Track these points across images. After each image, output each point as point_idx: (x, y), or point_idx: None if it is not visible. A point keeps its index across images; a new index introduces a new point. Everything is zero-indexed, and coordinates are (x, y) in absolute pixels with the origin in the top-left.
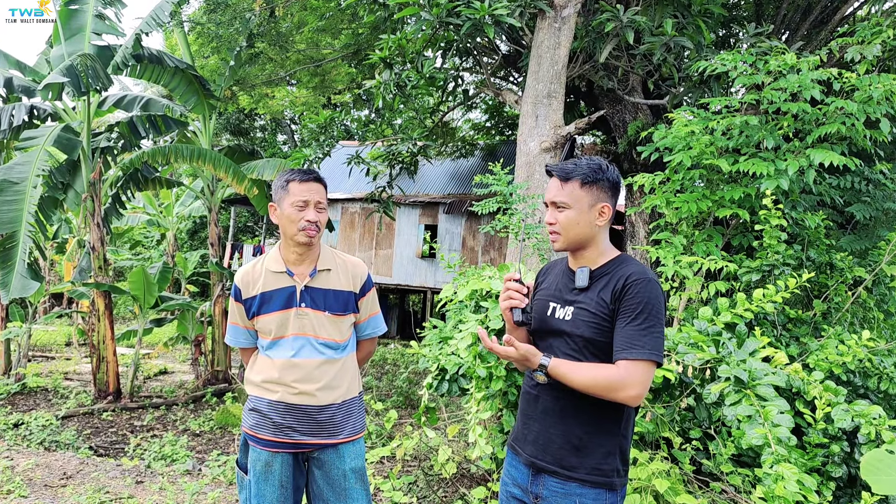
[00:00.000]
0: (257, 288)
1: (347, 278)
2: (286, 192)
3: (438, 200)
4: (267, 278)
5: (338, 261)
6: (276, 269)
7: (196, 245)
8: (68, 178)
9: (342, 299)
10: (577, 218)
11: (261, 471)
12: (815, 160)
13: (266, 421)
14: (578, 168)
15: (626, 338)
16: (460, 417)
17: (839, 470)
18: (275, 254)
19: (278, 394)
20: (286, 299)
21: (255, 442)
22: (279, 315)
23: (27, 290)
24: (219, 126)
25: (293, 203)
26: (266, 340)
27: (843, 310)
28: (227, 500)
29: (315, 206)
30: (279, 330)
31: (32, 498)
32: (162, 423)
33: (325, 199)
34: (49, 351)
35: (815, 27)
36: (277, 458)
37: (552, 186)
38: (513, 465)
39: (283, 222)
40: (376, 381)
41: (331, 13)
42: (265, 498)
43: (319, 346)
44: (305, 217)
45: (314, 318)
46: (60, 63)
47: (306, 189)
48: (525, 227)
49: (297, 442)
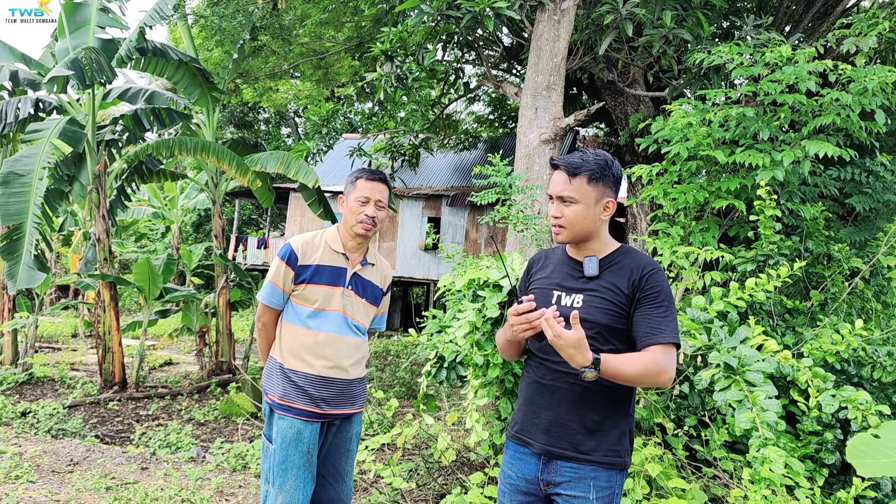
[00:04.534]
0: (315, 258)
1: (381, 276)
2: (353, 187)
3: (442, 193)
4: (325, 253)
5: (378, 259)
6: (336, 248)
7: (201, 237)
8: (74, 171)
9: (376, 293)
10: (584, 213)
11: (292, 438)
12: (810, 151)
13: (300, 392)
14: (586, 163)
15: (653, 324)
16: (460, 406)
17: (832, 457)
18: (334, 233)
19: (316, 368)
20: (337, 277)
21: (286, 411)
22: (327, 289)
23: (34, 281)
24: (223, 119)
25: (356, 198)
26: (307, 309)
27: (840, 300)
28: (230, 486)
29: (375, 204)
30: (324, 303)
31: (40, 483)
32: (167, 413)
33: (387, 198)
34: (56, 342)
35: (818, 19)
36: (308, 427)
37: (558, 180)
38: (518, 457)
39: (346, 213)
40: (379, 371)
41: (333, 6)
42: (293, 463)
43: (353, 327)
44: (365, 212)
45: (354, 302)
46: (65, 56)
47: (370, 187)
48: (523, 218)
49: (327, 413)
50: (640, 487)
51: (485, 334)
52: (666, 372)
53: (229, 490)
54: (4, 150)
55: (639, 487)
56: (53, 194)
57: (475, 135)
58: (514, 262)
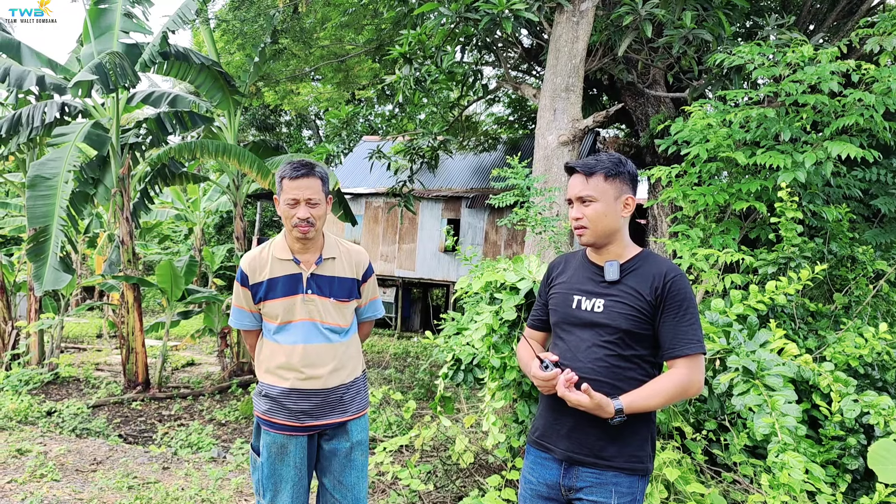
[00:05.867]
0: (264, 274)
1: (351, 266)
2: (280, 188)
3: (461, 195)
4: (274, 265)
5: (341, 249)
6: (282, 256)
7: (223, 239)
8: (98, 174)
9: (346, 286)
10: (605, 210)
11: (277, 452)
12: (832, 152)
13: (279, 407)
14: (600, 162)
15: (679, 334)
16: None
17: (855, 462)
18: (280, 241)
19: (289, 381)
20: (293, 286)
21: (269, 426)
22: (286, 301)
23: (59, 282)
24: (245, 122)
25: (285, 200)
26: (273, 325)
27: (864, 303)
28: (250, 486)
29: (306, 203)
30: (286, 315)
31: (64, 482)
32: (189, 413)
33: (321, 191)
34: (81, 342)
35: (842, 18)
36: (292, 441)
37: (576, 182)
38: (539, 462)
39: (282, 217)
40: (398, 373)
41: (353, 9)
42: (282, 478)
43: (325, 331)
44: (297, 215)
45: (320, 304)
46: (90, 61)
47: (296, 186)
48: (541, 220)
49: (310, 425)
50: (658, 492)
51: (502, 337)
52: (694, 385)
53: (248, 490)
54: (31, 153)
55: (657, 492)
56: (78, 197)
57: (495, 136)
58: (531, 264)
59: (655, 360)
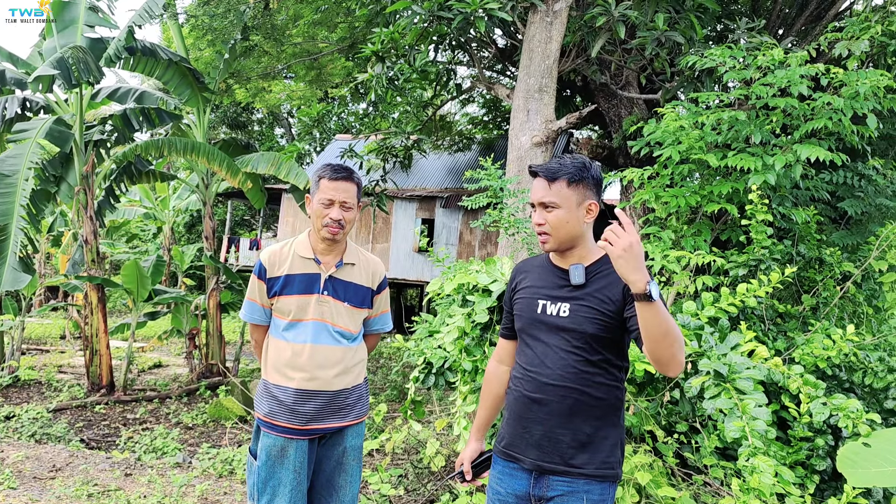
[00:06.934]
0: (283, 269)
1: (368, 275)
2: (317, 188)
3: (435, 194)
4: (294, 262)
5: (361, 257)
6: (304, 254)
7: (194, 238)
8: (61, 171)
9: (361, 294)
10: (567, 217)
11: (276, 456)
12: (802, 155)
13: (283, 408)
14: (564, 167)
15: None
16: (451, 412)
17: (823, 463)
18: (304, 239)
19: (295, 381)
20: (310, 284)
21: (271, 428)
22: (301, 298)
23: (19, 283)
24: (216, 119)
25: (320, 200)
26: (283, 321)
27: (832, 304)
28: (215, 493)
29: (340, 205)
30: (298, 313)
31: (21, 490)
32: (155, 416)
33: (355, 197)
34: (44, 343)
35: (811, 22)
36: (293, 444)
37: (538, 187)
38: (508, 472)
39: (312, 216)
40: (371, 374)
41: (326, 6)
42: (280, 481)
43: (335, 334)
44: (329, 215)
45: (333, 307)
46: (52, 55)
47: (333, 188)
48: (514, 222)
49: (312, 428)
50: (629, 496)
51: (474, 339)
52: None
53: (214, 497)
54: None
55: (628, 496)
56: (39, 195)
57: (469, 136)
58: (504, 266)
59: (622, 364)
